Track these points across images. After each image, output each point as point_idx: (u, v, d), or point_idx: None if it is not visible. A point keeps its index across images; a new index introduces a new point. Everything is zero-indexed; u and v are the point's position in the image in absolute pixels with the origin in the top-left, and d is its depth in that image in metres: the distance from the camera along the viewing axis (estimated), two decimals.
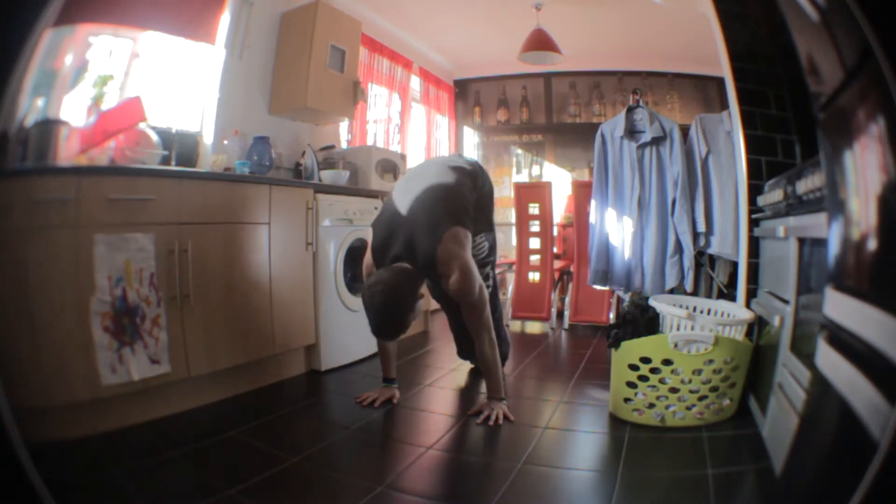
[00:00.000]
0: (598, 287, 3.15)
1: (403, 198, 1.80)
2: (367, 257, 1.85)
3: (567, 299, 3.40)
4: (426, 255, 1.68)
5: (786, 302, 1.50)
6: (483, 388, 1.96)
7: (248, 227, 2.09)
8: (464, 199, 1.84)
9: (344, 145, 3.53)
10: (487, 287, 1.96)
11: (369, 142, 3.73)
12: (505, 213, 4.98)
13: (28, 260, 1.44)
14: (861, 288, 0.68)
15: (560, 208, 4.08)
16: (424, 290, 1.85)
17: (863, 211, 0.69)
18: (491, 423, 1.76)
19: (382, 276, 1.64)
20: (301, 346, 2.35)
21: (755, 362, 1.77)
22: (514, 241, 3.76)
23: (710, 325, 1.80)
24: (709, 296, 2.81)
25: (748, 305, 1.99)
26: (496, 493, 1.32)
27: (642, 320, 1.96)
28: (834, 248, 0.76)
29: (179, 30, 2.41)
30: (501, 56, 4.43)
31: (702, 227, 2.74)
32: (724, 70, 2.17)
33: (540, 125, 5.02)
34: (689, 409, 1.74)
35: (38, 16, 0.72)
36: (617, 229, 3.00)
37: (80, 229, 1.56)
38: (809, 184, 1.25)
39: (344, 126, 3.55)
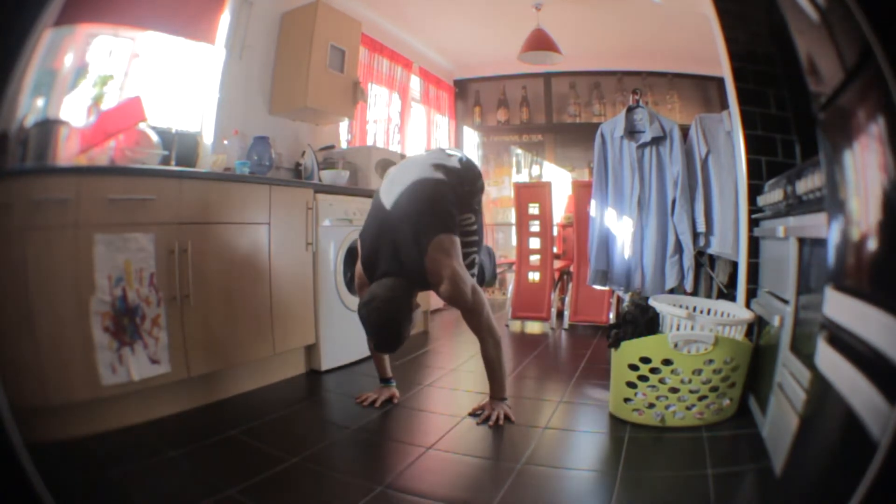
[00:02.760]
0: (597, 287, 3.15)
1: (387, 207, 1.78)
2: (359, 268, 1.84)
3: (567, 299, 3.40)
4: (414, 267, 1.68)
5: (786, 302, 1.50)
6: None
7: (248, 227, 2.08)
8: (447, 200, 1.79)
9: (344, 145, 3.53)
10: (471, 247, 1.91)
11: (369, 142, 3.73)
12: (505, 213, 4.98)
13: (28, 260, 1.43)
14: (861, 288, 0.68)
15: (560, 208, 4.08)
16: (422, 297, 1.84)
17: (863, 211, 0.69)
18: (491, 423, 1.76)
19: (376, 293, 1.63)
20: (301, 346, 2.35)
21: (755, 362, 1.77)
22: (514, 241, 3.76)
23: (710, 325, 1.80)
24: (709, 296, 2.80)
25: (748, 305, 1.99)
26: (496, 494, 1.32)
27: (642, 320, 1.96)
28: (834, 248, 0.76)
29: (179, 30, 2.41)
30: (501, 56, 4.43)
31: (702, 227, 2.74)
32: (724, 70, 2.17)
33: (540, 125, 5.02)
34: (689, 409, 1.74)
35: (38, 16, 0.72)
36: (617, 229, 3.00)
37: (80, 229, 1.56)
38: (809, 184, 1.25)
39: (344, 126, 3.55)
